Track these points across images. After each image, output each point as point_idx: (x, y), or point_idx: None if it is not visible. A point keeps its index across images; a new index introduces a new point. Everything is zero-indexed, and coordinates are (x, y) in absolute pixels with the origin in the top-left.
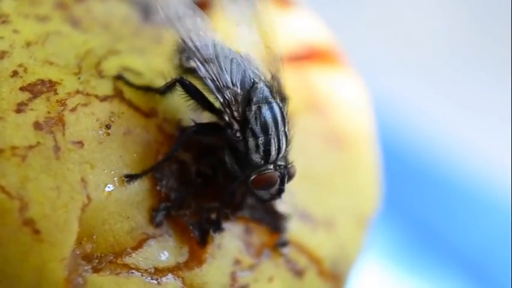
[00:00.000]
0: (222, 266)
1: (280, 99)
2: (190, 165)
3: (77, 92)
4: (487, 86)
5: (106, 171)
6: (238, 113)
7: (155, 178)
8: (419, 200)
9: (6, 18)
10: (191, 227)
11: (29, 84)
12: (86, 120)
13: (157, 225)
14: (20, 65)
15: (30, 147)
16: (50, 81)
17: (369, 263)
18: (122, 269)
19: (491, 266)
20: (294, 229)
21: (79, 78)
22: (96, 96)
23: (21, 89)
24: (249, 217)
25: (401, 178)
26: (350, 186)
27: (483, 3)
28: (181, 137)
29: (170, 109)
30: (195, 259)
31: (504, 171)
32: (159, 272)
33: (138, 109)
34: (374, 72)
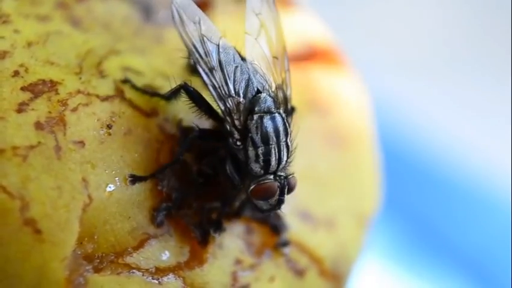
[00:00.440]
0: (223, 265)
1: (284, 110)
2: (191, 165)
3: (78, 91)
4: (487, 86)
5: (107, 171)
6: (239, 122)
7: (156, 178)
8: (419, 199)
9: (7, 18)
10: (192, 227)
11: (30, 84)
12: (87, 120)
13: (158, 225)
14: (21, 65)
15: (32, 147)
16: (51, 81)
17: (369, 263)
18: (123, 268)
19: (492, 266)
20: (295, 229)
21: (80, 78)
22: (97, 96)
23: (23, 88)
24: (250, 217)
25: (401, 178)
26: (351, 186)
27: (483, 3)
28: (184, 142)
29: (171, 109)
30: (196, 259)
31: (504, 171)
32: (160, 272)
33: (139, 109)
34: (374, 72)
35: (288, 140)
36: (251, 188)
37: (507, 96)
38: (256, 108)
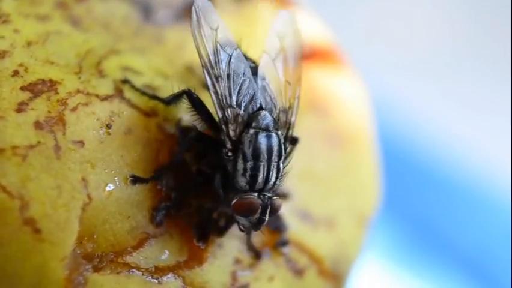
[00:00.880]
0: (223, 265)
1: (285, 135)
2: (190, 164)
3: (78, 91)
4: (487, 86)
5: (106, 171)
6: (234, 133)
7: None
8: (419, 199)
9: (7, 18)
10: (191, 226)
11: (30, 83)
12: (86, 119)
13: (158, 224)
14: (20, 65)
15: (31, 147)
16: (50, 81)
17: (369, 262)
18: (123, 268)
19: (492, 265)
20: (295, 229)
21: (80, 77)
22: (97, 96)
23: (22, 88)
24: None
25: (401, 178)
26: (351, 186)
27: (483, 3)
28: (184, 142)
29: (171, 109)
30: (196, 258)
31: (504, 171)
32: (160, 271)
33: (138, 108)
34: (374, 71)
35: (280, 163)
36: (233, 201)
37: (507, 96)
38: (253, 123)
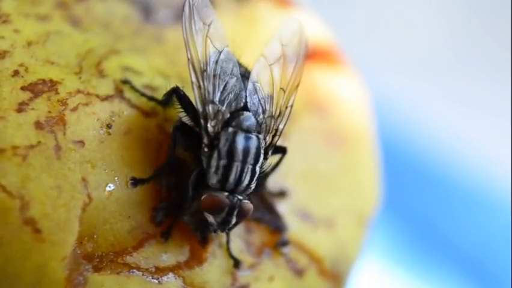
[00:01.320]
0: (223, 265)
1: (269, 141)
2: (190, 164)
3: (78, 91)
4: (487, 86)
5: (106, 171)
6: (213, 129)
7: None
8: (419, 199)
9: (7, 18)
10: (192, 226)
11: (30, 83)
12: (87, 119)
13: (158, 224)
14: (21, 65)
15: (31, 147)
16: (51, 81)
17: (369, 263)
18: (123, 268)
19: (492, 266)
20: (295, 229)
21: (80, 77)
22: (97, 96)
23: (22, 88)
24: (249, 217)
25: (401, 178)
26: (350, 186)
27: (483, 3)
28: (172, 134)
29: (171, 109)
30: (196, 258)
31: (504, 171)
32: (160, 271)
33: (139, 108)
34: (374, 71)
35: (256, 167)
36: (202, 197)
37: (507, 95)
38: (234, 123)
